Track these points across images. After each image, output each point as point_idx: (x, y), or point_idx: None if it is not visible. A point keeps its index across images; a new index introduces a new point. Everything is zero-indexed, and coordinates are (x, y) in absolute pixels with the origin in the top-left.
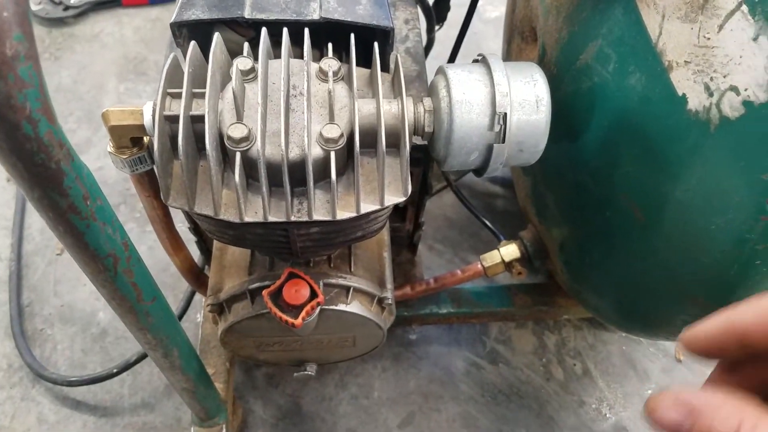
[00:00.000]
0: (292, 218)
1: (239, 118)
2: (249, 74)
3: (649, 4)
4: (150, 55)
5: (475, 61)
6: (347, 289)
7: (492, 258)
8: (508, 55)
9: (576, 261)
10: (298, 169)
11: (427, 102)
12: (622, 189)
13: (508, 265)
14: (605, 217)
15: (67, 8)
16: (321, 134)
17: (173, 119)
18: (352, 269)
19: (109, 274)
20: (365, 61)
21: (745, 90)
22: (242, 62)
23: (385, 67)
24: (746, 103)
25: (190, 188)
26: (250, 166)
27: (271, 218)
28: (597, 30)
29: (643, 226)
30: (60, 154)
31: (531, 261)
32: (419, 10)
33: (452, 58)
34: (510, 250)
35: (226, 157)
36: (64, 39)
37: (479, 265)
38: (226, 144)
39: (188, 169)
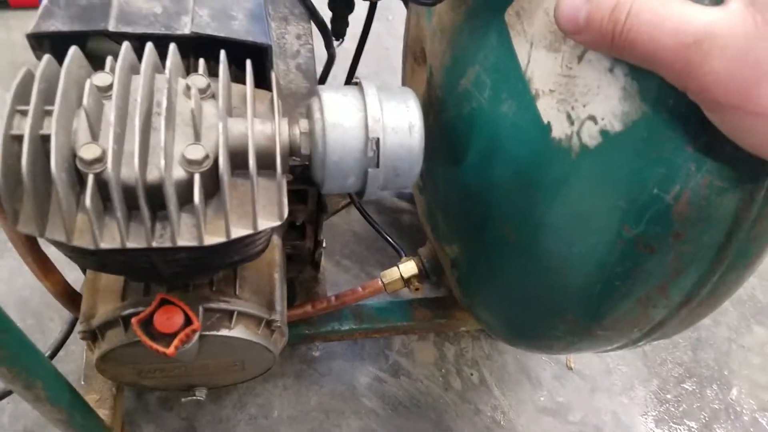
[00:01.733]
0: (154, 244)
1: (94, 138)
2: (108, 90)
3: (519, 32)
4: None
5: (355, 84)
6: (231, 313)
7: (391, 275)
8: (404, 75)
9: (465, 278)
10: (159, 191)
11: (303, 124)
12: (496, 211)
13: (406, 282)
14: (484, 237)
15: None
16: (183, 155)
17: (21, 139)
18: (237, 292)
19: None
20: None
21: (602, 119)
22: (100, 78)
23: (268, 85)
24: (603, 133)
25: (40, 213)
26: (107, 188)
27: (130, 244)
28: (475, 56)
29: (516, 248)
30: None
31: (428, 277)
32: (313, 25)
33: (350, 74)
34: (408, 267)
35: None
36: None
37: (379, 282)
38: (78, 166)
39: (36, 193)
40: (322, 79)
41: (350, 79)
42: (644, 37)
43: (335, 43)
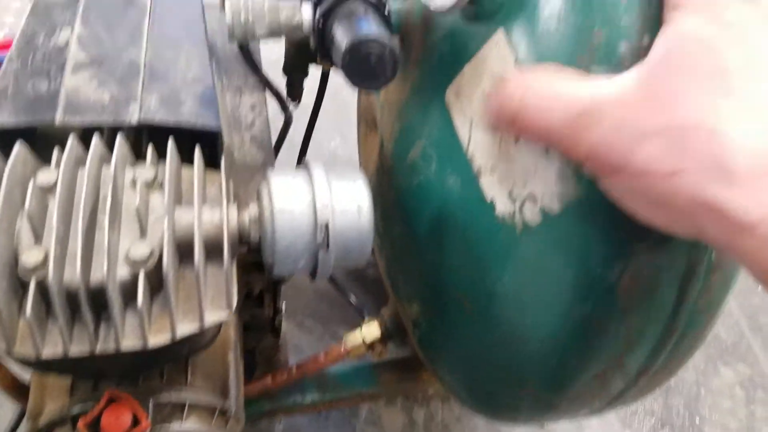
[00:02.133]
0: (98, 348)
1: (37, 241)
2: (53, 188)
3: (459, 111)
4: None
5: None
6: (182, 405)
7: (354, 339)
8: (358, 138)
9: (426, 339)
10: (103, 293)
11: (253, 209)
12: (450, 280)
13: (369, 346)
14: (441, 301)
15: None
16: (128, 254)
17: None
18: (189, 380)
19: None
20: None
21: (542, 199)
22: (45, 175)
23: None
24: (543, 213)
25: None
26: (49, 293)
27: (73, 350)
28: (421, 130)
29: (472, 315)
30: None
31: (392, 338)
32: (267, 94)
33: (307, 137)
34: (371, 330)
35: None
36: None
37: (341, 348)
38: (18, 272)
39: None
40: (281, 139)
41: (308, 141)
42: (538, 118)
43: (291, 105)
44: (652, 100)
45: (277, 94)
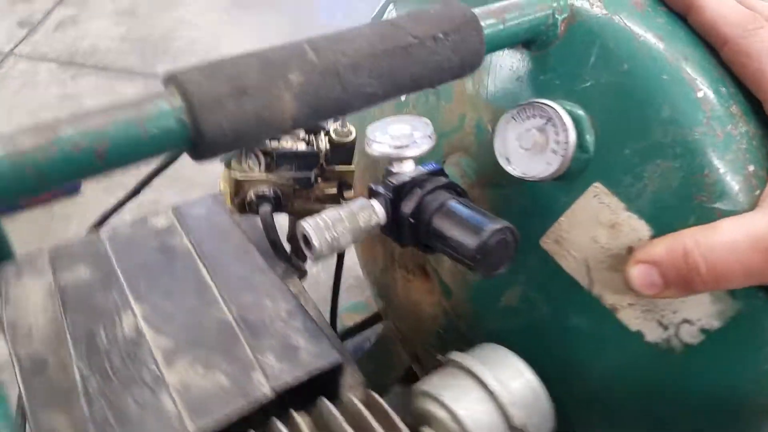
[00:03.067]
0: None
1: None
2: None
3: (567, 257)
4: None
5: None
6: None
7: None
8: (393, 282)
9: None
10: None
11: None
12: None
13: None
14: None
15: None
16: None
17: None
18: None
19: None
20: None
21: (699, 320)
22: None
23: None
24: (703, 331)
25: None
26: None
27: None
28: (513, 279)
29: None
30: None
31: None
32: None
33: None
34: None
35: None
36: None
37: None
38: None
39: None
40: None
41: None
42: (733, 263)
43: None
44: None
45: (298, 268)
